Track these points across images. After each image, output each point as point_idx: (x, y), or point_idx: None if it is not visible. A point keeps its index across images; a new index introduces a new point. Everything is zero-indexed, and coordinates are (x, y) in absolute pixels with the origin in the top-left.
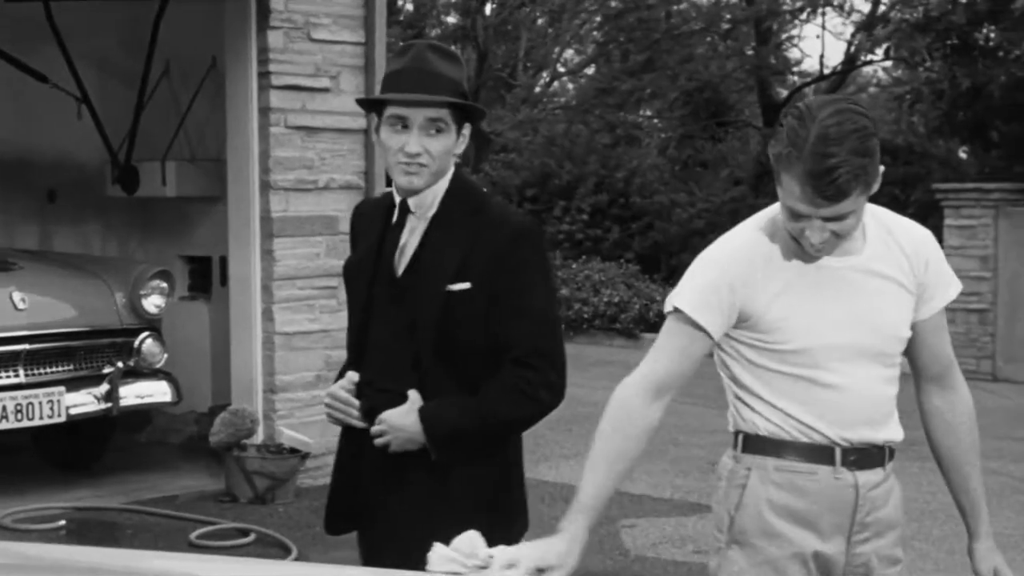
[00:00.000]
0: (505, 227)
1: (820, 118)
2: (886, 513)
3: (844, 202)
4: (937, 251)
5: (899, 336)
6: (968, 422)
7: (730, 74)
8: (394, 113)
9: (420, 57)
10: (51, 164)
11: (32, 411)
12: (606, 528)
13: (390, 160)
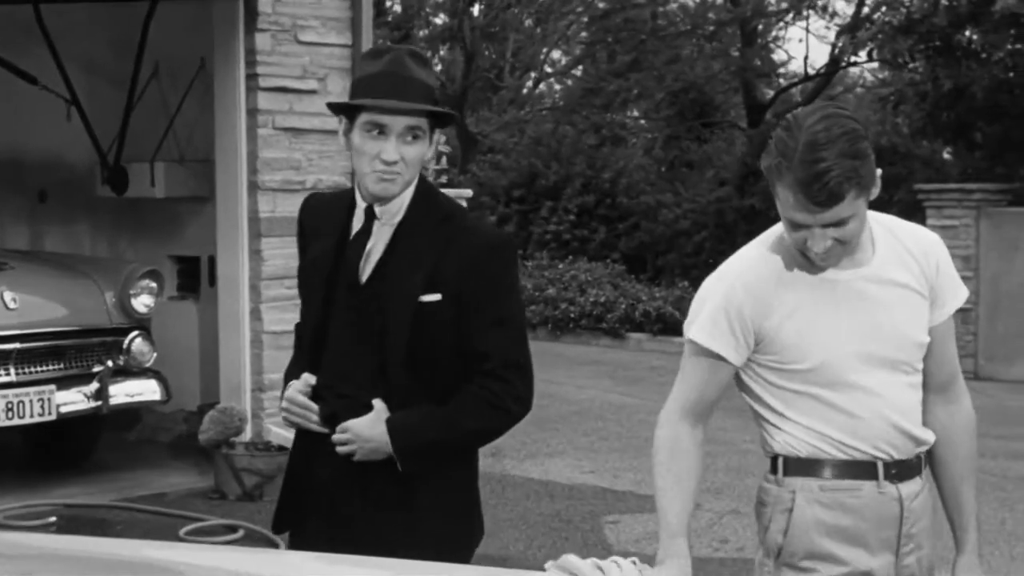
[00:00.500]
0: (480, 237)
1: (807, 126)
2: (928, 522)
3: (839, 206)
4: (946, 255)
5: (918, 342)
6: (966, 436)
7: (716, 75)
8: (372, 120)
9: (398, 62)
10: (41, 165)
11: (23, 409)
12: (590, 523)
13: (363, 166)
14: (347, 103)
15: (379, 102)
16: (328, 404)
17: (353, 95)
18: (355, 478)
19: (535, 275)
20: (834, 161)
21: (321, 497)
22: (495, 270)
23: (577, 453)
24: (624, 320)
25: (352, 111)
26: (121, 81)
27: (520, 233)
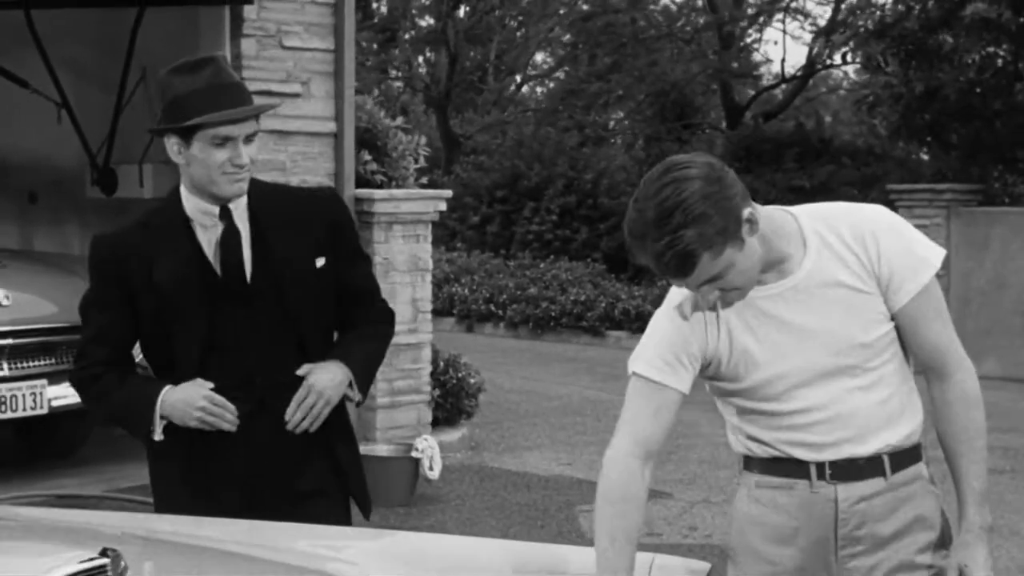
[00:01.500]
0: (323, 198)
1: (639, 205)
2: (890, 525)
3: (695, 273)
4: (891, 236)
5: (857, 342)
6: (959, 409)
7: (694, 78)
8: (217, 133)
9: (221, 72)
10: (32, 167)
11: (16, 403)
12: (564, 512)
13: (211, 173)
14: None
15: (228, 114)
16: (245, 401)
17: (184, 112)
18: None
19: (517, 274)
20: (669, 239)
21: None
22: (348, 220)
23: (555, 446)
24: (604, 318)
25: (188, 129)
26: (110, 85)
27: (503, 233)
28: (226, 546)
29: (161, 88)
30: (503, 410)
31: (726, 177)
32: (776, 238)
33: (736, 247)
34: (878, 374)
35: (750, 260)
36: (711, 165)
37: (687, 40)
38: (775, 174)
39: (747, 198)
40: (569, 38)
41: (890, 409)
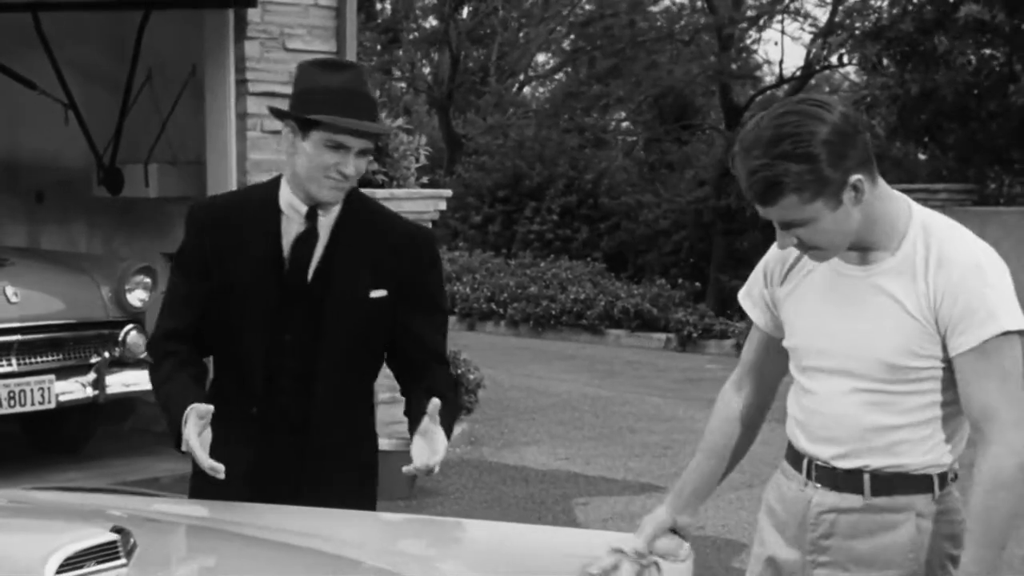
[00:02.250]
0: (415, 232)
1: (762, 121)
2: (861, 547)
3: (779, 207)
4: (970, 280)
5: (883, 361)
6: (983, 483)
7: (694, 79)
8: (333, 137)
9: (360, 80)
10: (39, 166)
11: (24, 398)
12: (561, 505)
13: (315, 173)
14: (318, 118)
15: (351, 123)
16: (270, 399)
17: (311, 106)
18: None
19: (517, 273)
20: (766, 161)
21: (279, 485)
22: (431, 264)
23: (553, 441)
24: (603, 317)
25: (309, 121)
26: (116, 86)
27: (504, 232)
28: (232, 527)
29: (299, 74)
30: (502, 406)
31: (855, 136)
32: (880, 224)
33: (830, 205)
34: (894, 399)
35: (840, 226)
36: (847, 118)
37: (686, 42)
38: None
39: (867, 166)
40: (569, 43)
41: (890, 439)
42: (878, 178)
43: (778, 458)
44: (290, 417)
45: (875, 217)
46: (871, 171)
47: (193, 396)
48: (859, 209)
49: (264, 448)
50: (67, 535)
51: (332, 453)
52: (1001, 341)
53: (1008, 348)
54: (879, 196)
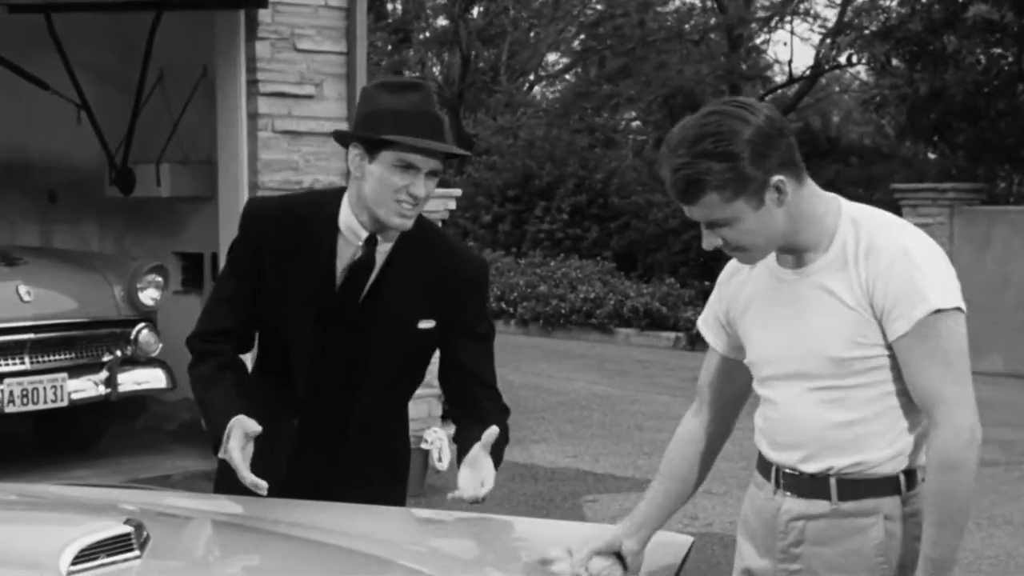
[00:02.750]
0: (469, 265)
1: (688, 122)
2: (831, 553)
3: (699, 205)
4: (900, 264)
5: (829, 357)
6: (931, 466)
7: (703, 79)
8: (405, 158)
9: (429, 101)
10: (51, 167)
11: (37, 396)
12: (570, 502)
13: (385, 197)
14: (388, 138)
15: (424, 143)
16: (308, 412)
17: (380, 127)
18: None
19: (527, 272)
20: (689, 160)
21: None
22: (482, 297)
23: (561, 439)
24: (613, 316)
25: (378, 142)
26: (128, 87)
27: (514, 232)
28: (246, 522)
29: (364, 97)
30: (512, 404)
31: (778, 138)
32: (809, 225)
33: (752, 204)
34: (844, 394)
35: (764, 226)
36: (771, 120)
37: (696, 42)
38: None
39: (791, 168)
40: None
41: (851, 434)
42: (806, 180)
43: None
44: (327, 428)
45: (803, 219)
46: (796, 173)
47: (238, 407)
48: (784, 211)
49: (298, 457)
50: (81, 528)
51: (365, 462)
52: (937, 321)
53: (946, 327)
54: (806, 198)
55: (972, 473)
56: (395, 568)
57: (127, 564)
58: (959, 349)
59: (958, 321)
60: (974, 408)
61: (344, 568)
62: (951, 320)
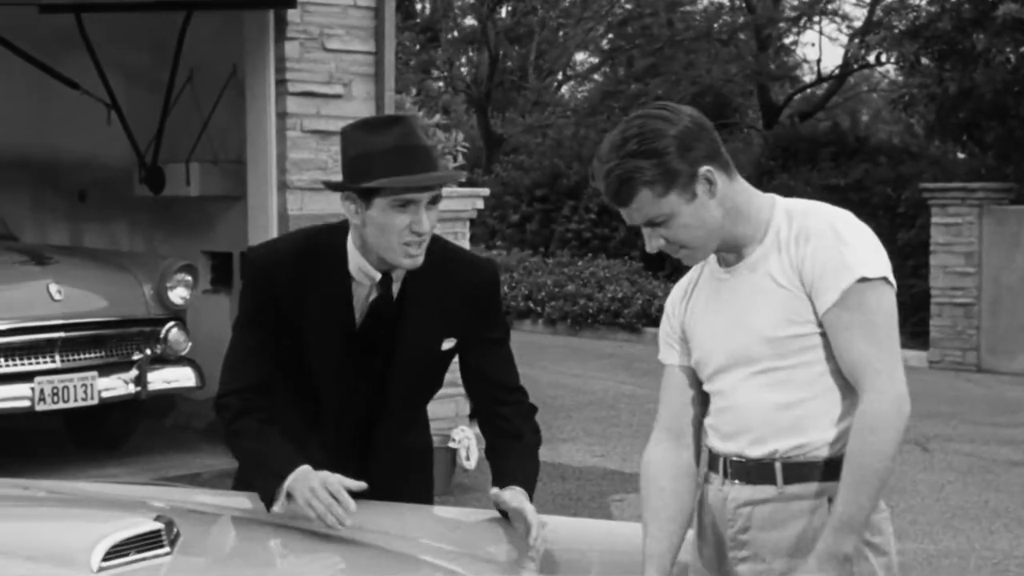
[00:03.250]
0: (480, 274)
1: (614, 131)
2: (778, 537)
3: (634, 205)
4: (825, 239)
5: (765, 337)
6: (856, 436)
7: (732, 79)
8: (402, 196)
9: (411, 133)
10: (82, 166)
11: (67, 394)
12: (597, 502)
13: (390, 239)
14: (376, 185)
15: (415, 180)
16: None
17: (368, 172)
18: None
19: (555, 272)
20: (617, 161)
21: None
22: (496, 303)
23: (589, 439)
24: (640, 315)
25: (369, 189)
26: (158, 86)
27: (542, 231)
28: (274, 519)
29: (346, 141)
30: (540, 404)
31: (700, 132)
32: (744, 219)
33: (685, 198)
34: (784, 375)
35: (701, 219)
36: (693, 117)
37: (724, 41)
38: (811, 172)
39: (718, 160)
40: (607, 43)
41: (793, 416)
42: (735, 175)
43: None
44: (355, 450)
45: (738, 212)
46: (723, 165)
47: (299, 458)
48: (717, 203)
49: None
50: (112, 524)
51: (394, 468)
52: (863, 291)
53: (873, 298)
54: (739, 191)
55: (893, 440)
56: (423, 566)
57: (158, 560)
58: (887, 321)
59: (885, 293)
60: (902, 379)
61: (373, 565)
62: (878, 291)
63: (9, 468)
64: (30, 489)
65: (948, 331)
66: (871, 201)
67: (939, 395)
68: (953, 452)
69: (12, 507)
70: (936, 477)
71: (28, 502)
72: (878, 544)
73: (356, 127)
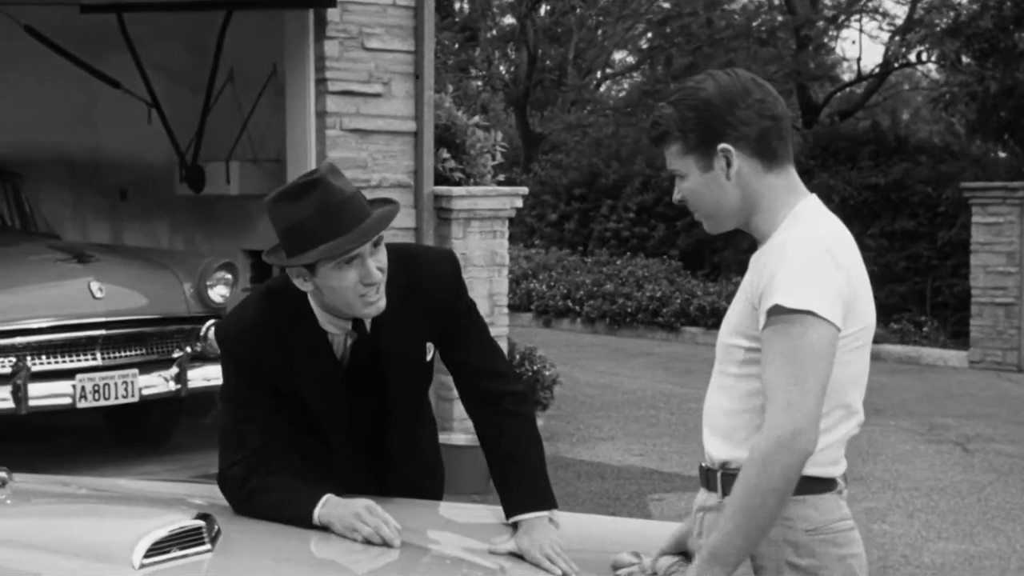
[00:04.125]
0: (440, 265)
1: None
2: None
3: (665, 151)
4: (773, 264)
5: (721, 342)
6: (745, 465)
7: (770, 78)
8: (342, 258)
9: (329, 189)
10: (123, 165)
11: (108, 391)
12: (636, 501)
13: (346, 296)
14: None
15: (348, 241)
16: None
17: (301, 246)
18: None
19: (593, 271)
20: (663, 109)
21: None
22: (457, 296)
23: (628, 438)
24: (679, 314)
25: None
26: (198, 86)
27: (580, 230)
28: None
29: (271, 215)
30: (578, 403)
31: (740, 106)
32: (762, 215)
33: (700, 166)
34: (732, 381)
35: (708, 191)
36: (746, 90)
37: (764, 40)
38: (850, 172)
39: (747, 143)
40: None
41: (729, 423)
42: (776, 169)
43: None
44: (371, 454)
45: (758, 204)
46: (758, 152)
47: (322, 489)
48: (734, 186)
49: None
50: (153, 521)
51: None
52: (789, 320)
53: (796, 328)
54: (769, 185)
55: (777, 480)
56: (459, 563)
57: (199, 557)
58: (807, 354)
59: (812, 326)
60: (805, 416)
61: (410, 564)
62: (804, 323)
63: (50, 465)
64: (71, 486)
65: (989, 331)
66: (911, 200)
67: (979, 395)
68: (994, 452)
69: (54, 504)
70: (977, 477)
71: (69, 499)
72: (806, 566)
73: (275, 200)
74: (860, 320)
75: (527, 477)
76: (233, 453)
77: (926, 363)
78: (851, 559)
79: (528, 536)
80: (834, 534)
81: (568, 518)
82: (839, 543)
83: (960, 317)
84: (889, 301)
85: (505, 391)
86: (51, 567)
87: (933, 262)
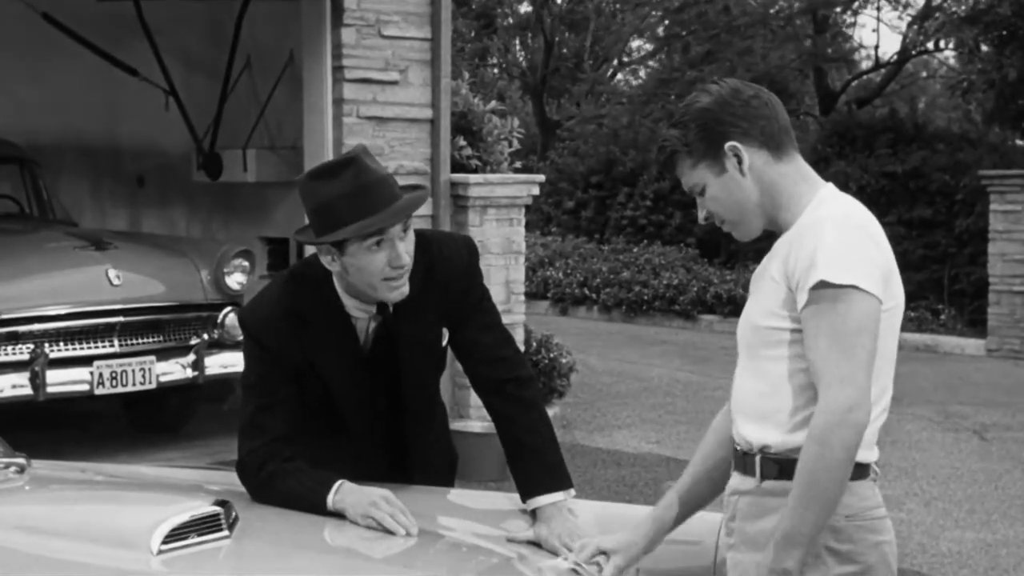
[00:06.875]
0: (459, 253)
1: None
2: (753, 531)
3: (678, 173)
4: (811, 238)
5: (753, 324)
6: (807, 443)
7: (788, 64)
8: (373, 237)
9: (364, 170)
10: (140, 152)
11: (126, 378)
12: (652, 488)
13: (371, 278)
14: (340, 238)
15: (380, 220)
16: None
17: (332, 225)
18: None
19: (610, 259)
20: (665, 132)
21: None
22: (478, 276)
23: (644, 425)
24: (696, 302)
25: (340, 241)
26: (216, 73)
27: (597, 218)
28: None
29: (304, 193)
30: (595, 390)
31: (739, 107)
32: (783, 204)
33: (713, 171)
34: (764, 365)
35: (731, 194)
36: (737, 93)
37: (782, 25)
38: (868, 159)
39: (753, 137)
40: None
41: (767, 406)
42: (787, 157)
43: None
44: (389, 440)
45: (777, 193)
46: (766, 144)
47: (335, 476)
48: (752, 180)
49: (361, 472)
50: (171, 508)
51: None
52: (834, 295)
53: (842, 304)
54: (784, 174)
55: (839, 454)
56: (475, 550)
57: (217, 543)
58: (854, 328)
59: (856, 301)
60: (858, 389)
61: (427, 550)
62: (849, 298)
63: (68, 452)
64: (89, 473)
65: (1006, 319)
66: (929, 188)
67: (997, 383)
68: (1011, 440)
69: (72, 491)
70: (994, 466)
71: (88, 486)
72: (845, 552)
73: (310, 178)
74: (893, 298)
75: (536, 459)
76: (252, 440)
77: (943, 351)
78: (885, 546)
79: (547, 525)
80: (871, 520)
81: (584, 505)
82: (876, 529)
83: (978, 305)
84: (906, 289)
85: (508, 377)
86: (70, 552)
87: (951, 250)
